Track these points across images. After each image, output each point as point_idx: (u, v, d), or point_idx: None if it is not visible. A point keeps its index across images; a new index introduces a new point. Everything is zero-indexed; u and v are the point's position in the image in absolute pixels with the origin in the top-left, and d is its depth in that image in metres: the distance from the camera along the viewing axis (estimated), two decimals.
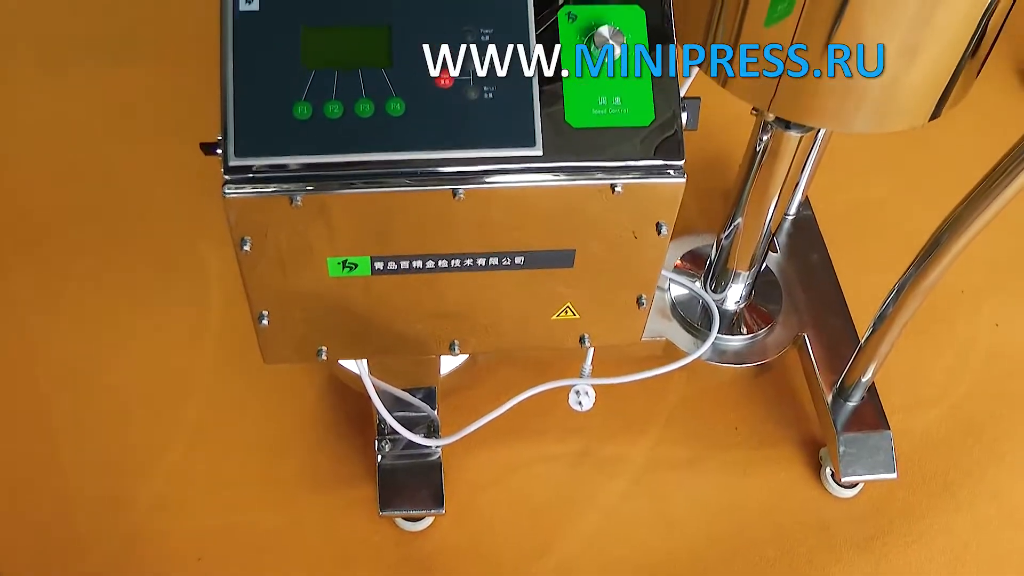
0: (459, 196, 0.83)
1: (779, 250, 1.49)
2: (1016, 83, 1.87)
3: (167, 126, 1.74)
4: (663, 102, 0.85)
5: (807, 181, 1.52)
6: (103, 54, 1.86)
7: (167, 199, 1.63)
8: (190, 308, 1.51)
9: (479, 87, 0.83)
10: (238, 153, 0.82)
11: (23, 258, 1.56)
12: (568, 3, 0.86)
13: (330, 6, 0.84)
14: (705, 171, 1.65)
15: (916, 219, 1.54)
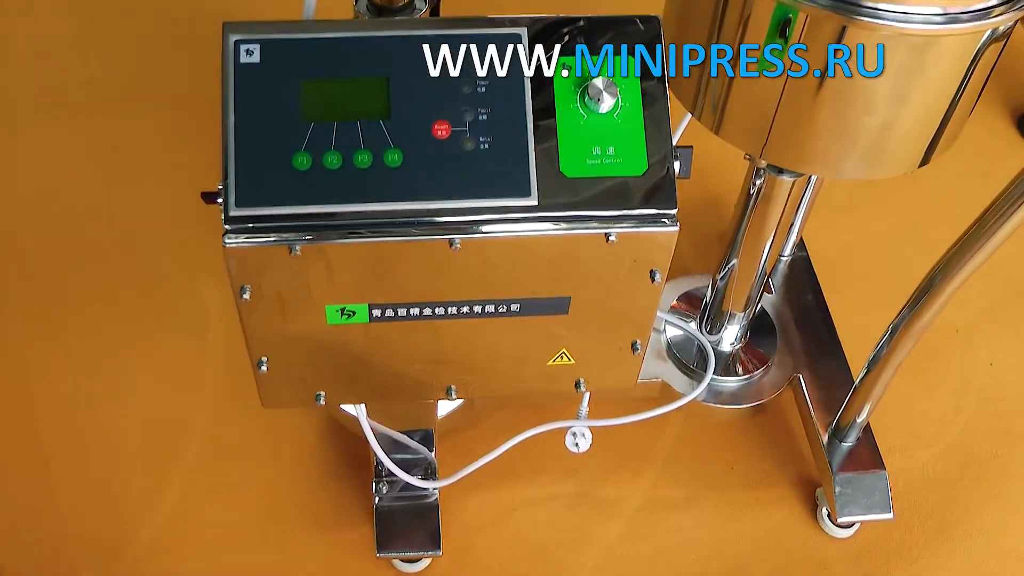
0: (456, 246, 0.85)
1: (774, 291, 1.51)
2: (1009, 125, 1.89)
3: (168, 167, 1.75)
4: (656, 152, 0.86)
5: (801, 223, 1.53)
6: (105, 96, 1.88)
7: (167, 239, 1.65)
8: (189, 348, 1.52)
9: (475, 138, 0.85)
10: (239, 203, 0.83)
11: (23, 297, 1.57)
12: (563, 55, 0.87)
13: (329, 59, 0.86)
14: (700, 213, 1.67)
15: (909, 259, 1.56)
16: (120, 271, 1.61)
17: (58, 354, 1.51)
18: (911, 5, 0.86)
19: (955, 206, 1.52)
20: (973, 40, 0.90)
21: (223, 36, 0.87)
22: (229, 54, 0.86)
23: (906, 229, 1.73)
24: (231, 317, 1.44)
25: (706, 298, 1.41)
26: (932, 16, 0.87)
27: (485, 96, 0.85)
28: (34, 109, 1.86)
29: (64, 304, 1.57)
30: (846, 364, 1.43)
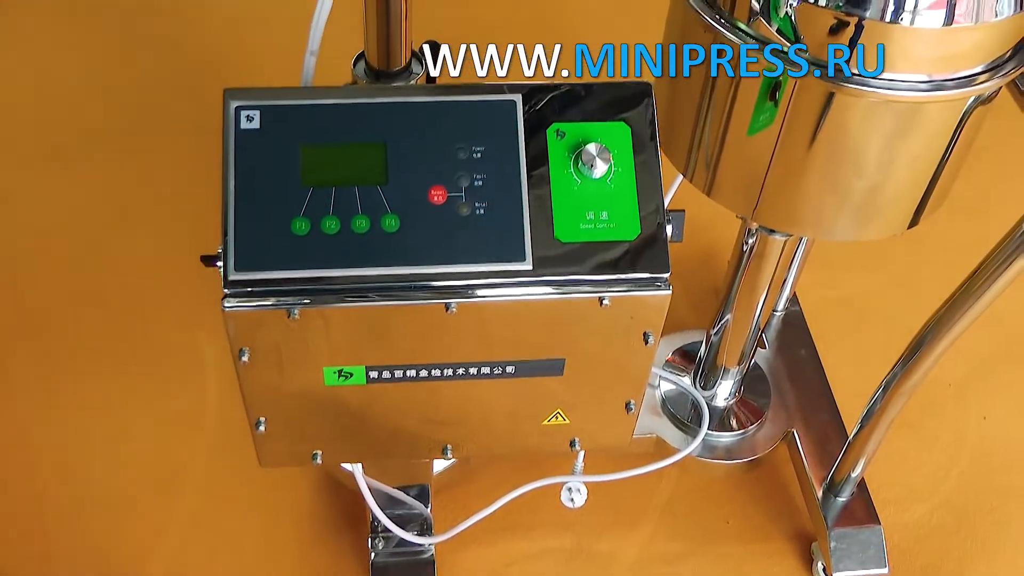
0: (452, 310, 0.86)
1: (767, 346, 1.52)
2: (1000, 180, 1.91)
3: (166, 218, 1.77)
4: (649, 216, 0.88)
5: (794, 278, 1.55)
6: (105, 147, 1.89)
7: (165, 290, 1.66)
8: (186, 400, 1.53)
9: (471, 203, 0.86)
10: (238, 268, 0.84)
11: (21, 346, 1.58)
12: (556, 121, 0.89)
13: (328, 125, 0.87)
14: (694, 267, 1.68)
15: (901, 313, 1.58)
16: (118, 322, 1.62)
17: (54, 404, 1.51)
18: (897, 73, 0.88)
19: (946, 259, 1.54)
20: (958, 105, 0.92)
21: (224, 102, 0.88)
22: (230, 120, 0.87)
23: (898, 282, 1.74)
24: (228, 369, 1.45)
25: (700, 353, 1.42)
26: (918, 84, 0.89)
27: (480, 162, 0.87)
28: (34, 159, 1.87)
29: (61, 354, 1.57)
30: (839, 419, 1.44)
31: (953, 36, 0.86)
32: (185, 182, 1.81)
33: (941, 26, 0.85)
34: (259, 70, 2.00)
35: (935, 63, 0.88)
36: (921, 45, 0.87)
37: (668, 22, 1.04)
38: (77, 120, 1.95)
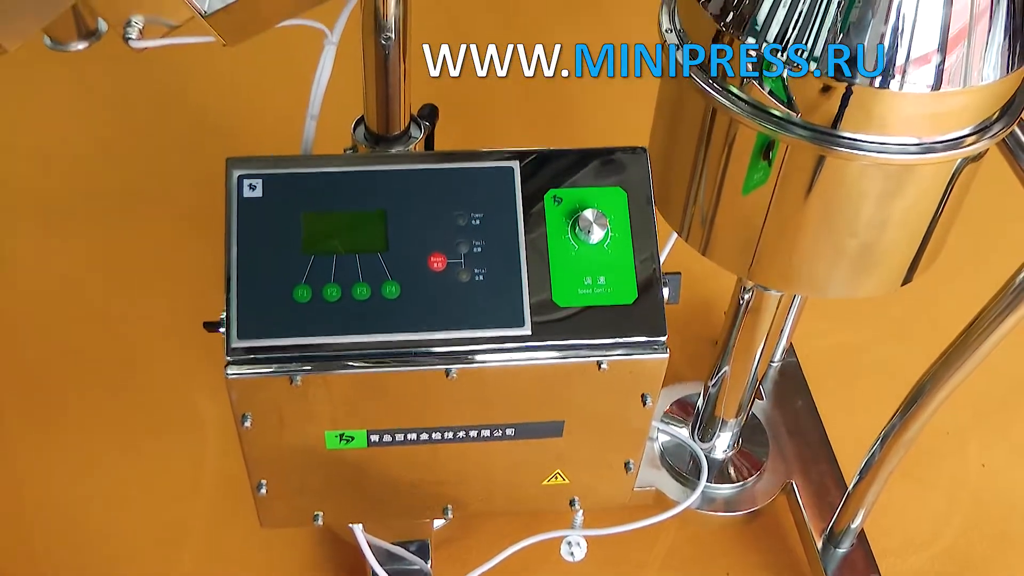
0: (452, 375, 0.87)
1: (765, 397, 1.53)
2: (993, 228, 1.92)
3: (166, 276, 1.78)
4: (645, 280, 0.89)
5: (790, 329, 1.56)
6: (104, 205, 1.90)
7: (164, 349, 1.66)
8: (185, 457, 1.53)
9: (470, 269, 0.87)
10: (240, 335, 0.85)
11: (20, 405, 1.58)
12: (553, 187, 0.91)
13: (328, 193, 0.89)
14: (691, 319, 1.69)
15: (898, 362, 1.58)
16: (116, 382, 1.62)
17: (53, 462, 1.51)
18: (887, 136, 0.90)
19: (941, 308, 1.55)
20: (948, 166, 0.94)
21: (227, 171, 0.90)
22: (232, 188, 0.89)
23: (893, 332, 1.75)
24: (227, 428, 1.46)
25: (698, 405, 1.42)
26: (908, 146, 0.90)
27: (479, 228, 0.88)
28: (31, 219, 1.88)
29: (61, 412, 1.58)
30: (838, 469, 1.44)
31: (942, 100, 0.88)
32: (183, 242, 1.82)
33: (930, 91, 0.87)
34: (259, 130, 2.02)
35: (924, 126, 0.90)
36: (910, 109, 0.88)
37: (662, 84, 1.05)
38: (74, 180, 1.96)
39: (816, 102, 0.89)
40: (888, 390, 1.22)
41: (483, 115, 2.07)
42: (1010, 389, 1.68)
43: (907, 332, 1.73)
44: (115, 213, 1.89)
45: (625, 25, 2.16)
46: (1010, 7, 0.87)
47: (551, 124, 2.09)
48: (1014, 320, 1.05)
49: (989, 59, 0.88)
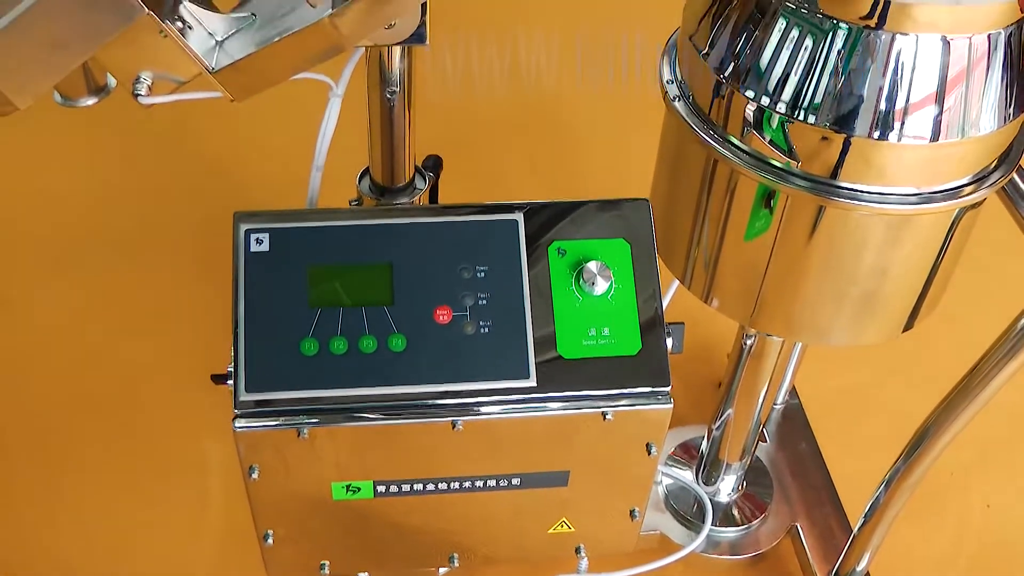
0: (458, 427, 0.88)
1: (768, 439, 1.53)
2: (992, 270, 1.93)
3: (170, 319, 1.78)
4: (649, 331, 0.90)
5: (793, 371, 1.56)
6: (107, 248, 1.91)
7: (169, 393, 1.67)
8: (191, 502, 1.53)
9: (475, 322, 0.88)
10: (248, 389, 0.86)
11: (23, 452, 1.58)
12: (557, 239, 0.92)
13: (335, 247, 0.90)
14: (694, 361, 1.69)
15: (900, 402, 1.59)
16: (121, 426, 1.62)
17: (58, 506, 1.51)
18: (886, 186, 0.91)
19: (944, 348, 1.55)
20: (947, 215, 0.95)
21: (234, 225, 0.91)
22: (240, 243, 0.90)
23: (895, 371, 1.75)
24: (234, 470, 1.46)
25: (702, 448, 1.43)
26: (907, 196, 0.91)
27: (484, 281, 0.89)
28: (35, 264, 1.89)
29: (66, 456, 1.58)
30: (843, 512, 1.44)
31: (940, 151, 0.89)
32: (189, 282, 1.83)
33: (928, 142, 0.88)
34: (265, 179, 2.03)
35: (923, 176, 0.91)
36: (909, 160, 0.89)
37: (663, 134, 1.07)
38: (81, 224, 1.97)
39: (815, 153, 0.90)
40: (891, 430, 1.23)
41: (488, 158, 2.09)
42: (1014, 428, 1.68)
43: (909, 372, 1.74)
44: (121, 258, 1.90)
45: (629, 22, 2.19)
46: (1005, 59, 0.88)
47: (555, 156, 2.11)
48: (1015, 366, 1.06)
49: (986, 110, 0.89)
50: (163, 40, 0.88)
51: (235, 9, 0.94)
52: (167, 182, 2.05)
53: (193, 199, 2.00)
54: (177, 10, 0.90)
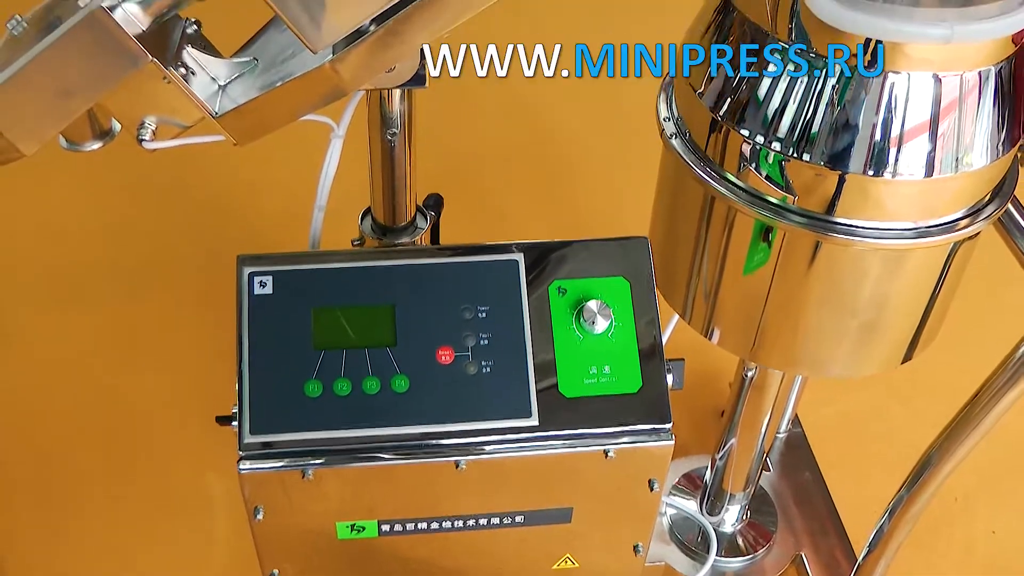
0: (461, 467, 0.88)
1: (772, 469, 1.53)
2: (991, 296, 1.93)
3: (174, 353, 1.79)
4: (649, 368, 0.91)
5: (795, 401, 1.57)
6: (112, 283, 1.92)
7: (174, 430, 1.67)
8: (197, 538, 1.53)
9: (478, 362, 0.89)
10: (253, 431, 0.87)
11: (26, 486, 1.58)
12: (557, 278, 0.93)
13: (338, 289, 0.91)
14: (696, 390, 1.70)
15: (904, 428, 1.59)
16: (125, 461, 1.63)
17: (60, 545, 1.51)
18: (882, 221, 0.92)
19: (945, 374, 1.55)
20: (943, 248, 0.96)
21: (237, 269, 0.92)
22: (243, 286, 0.91)
23: (897, 398, 1.76)
24: (238, 510, 1.47)
25: (706, 478, 1.43)
26: (902, 231, 0.92)
27: (486, 321, 0.90)
28: (40, 299, 1.90)
29: (69, 490, 1.58)
30: (847, 541, 1.44)
31: (934, 186, 0.90)
32: (191, 322, 1.83)
33: (922, 178, 0.89)
34: (268, 217, 2.04)
35: (918, 211, 0.92)
36: (904, 195, 0.90)
37: (661, 170, 1.08)
38: (84, 260, 1.97)
39: (811, 189, 0.91)
40: (895, 457, 1.23)
41: (489, 193, 2.10)
42: (1017, 453, 1.69)
43: (910, 397, 1.74)
44: (126, 294, 1.91)
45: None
46: (996, 94, 0.89)
47: (555, 191, 2.13)
48: (1015, 394, 1.07)
49: (978, 145, 0.90)
50: (167, 86, 0.89)
51: (237, 53, 0.95)
52: (171, 219, 2.07)
53: (197, 236, 2.02)
54: (180, 56, 0.91)
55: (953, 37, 0.81)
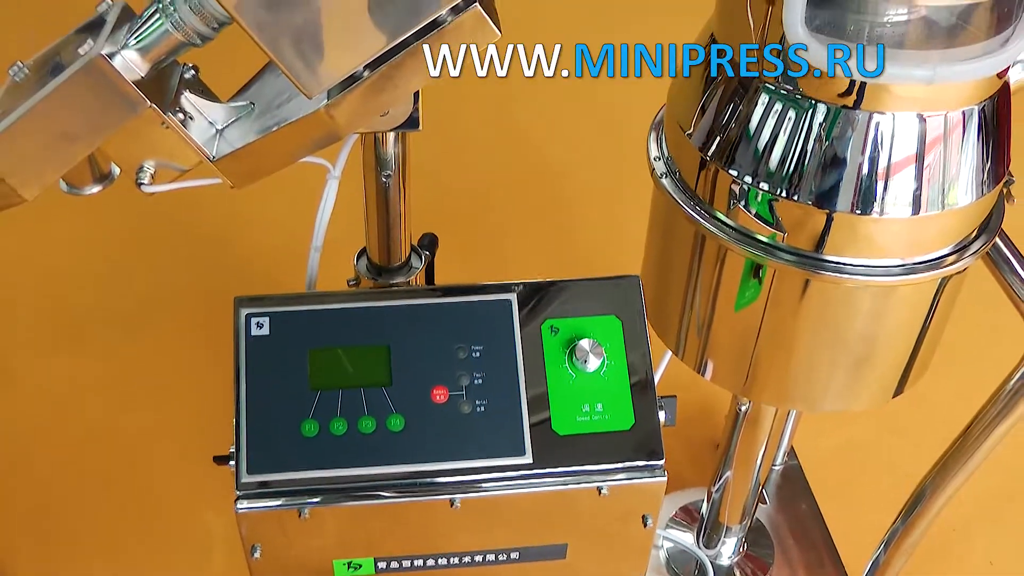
0: (456, 505, 0.89)
1: (768, 501, 1.54)
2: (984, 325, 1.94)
3: (173, 396, 1.79)
4: (642, 406, 0.92)
5: (790, 433, 1.58)
6: (109, 324, 1.93)
7: (171, 469, 1.67)
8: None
9: (472, 401, 0.91)
10: (250, 471, 0.88)
11: (25, 527, 1.59)
12: (550, 317, 0.94)
13: (334, 329, 0.92)
14: (692, 420, 1.71)
15: (900, 457, 1.59)
16: (123, 501, 1.63)
17: None
18: (870, 259, 0.93)
19: (938, 399, 1.56)
20: (932, 284, 0.97)
21: (235, 310, 0.93)
22: (241, 327, 0.92)
23: (892, 426, 1.76)
24: (236, 548, 1.47)
25: (702, 511, 1.44)
26: (890, 268, 0.94)
27: (479, 361, 0.91)
28: (40, 337, 1.90)
29: (68, 533, 1.59)
30: (844, 573, 1.45)
31: (921, 224, 0.91)
32: (188, 362, 1.84)
33: (909, 216, 0.90)
34: (264, 253, 2.04)
35: (906, 248, 0.93)
36: (891, 233, 0.92)
37: (652, 208, 1.09)
38: (82, 299, 1.97)
39: (800, 228, 0.92)
40: (891, 488, 1.24)
41: (483, 230, 2.12)
42: (1015, 482, 1.69)
43: (907, 428, 1.74)
44: (124, 333, 1.92)
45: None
46: (979, 132, 0.91)
47: (549, 227, 2.14)
48: (1006, 427, 1.08)
49: (964, 182, 0.91)
50: (165, 131, 0.91)
51: (234, 97, 0.97)
52: (169, 258, 2.07)
53: (195, 275, 2.02)
54: (179, 101, 0.93)
55: (935, 78, 0.82)
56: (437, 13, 0.80)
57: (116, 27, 0.86)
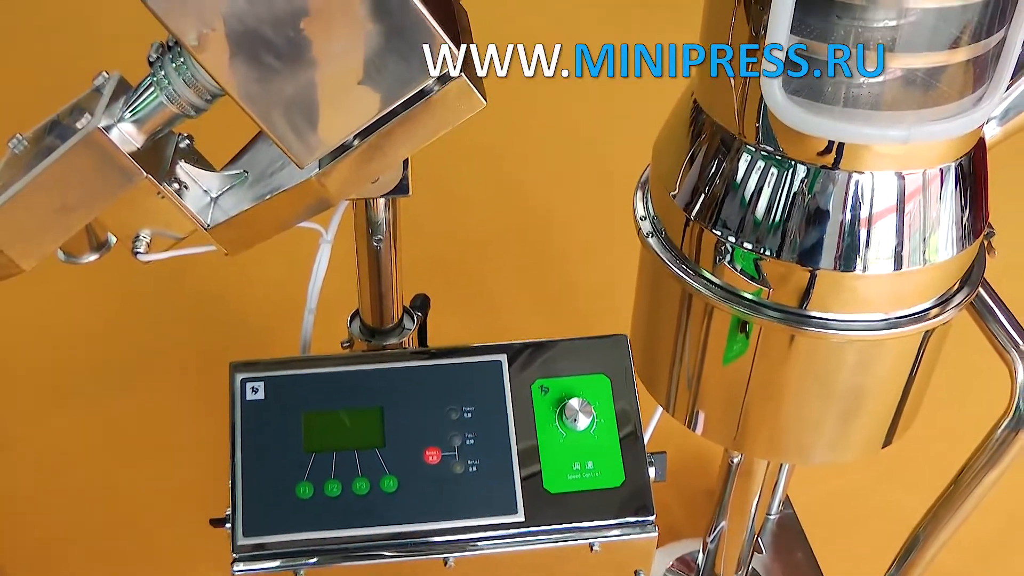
0: (449, 564, 0.90)
1: (764, 550, 1.54)
2: (974, 366, 1.95)
3: (169, 455, 1.79)
4: (632, 462, 0.94)
5: (785, 482, 1.58)
6: (107, 385, 1.93)
7: (168, 531, 1.67)
8: None
9: (464, 461, 0.92)
10: (246, 533, 0.89)
11: None
12: (540, 377, 0.95)
13: (328, 392, 0.94)
14: (685, 469, 1.71)
15: (895, 504, 1.60)
16: (119, 560, 1.62)
17: None
18: (854, 314, 0.95)
19: (932, 444, 1.57)
20: (915, 337, 0.99)
21: (230, 375, 0.95)
22: (236, 392, 0.94)
23: (886, 473, 1.76)
24: None
25: (699, 561, 1.44)
26: (874, 322, 0.95)
27: (471, 421, 0.93)
28: (35, 396, 1.90)
29: None
30: None
31: (903, 279, 0.93)
32: (184, 421, 1.84)
33: (891, 272, 0.92)
34: (259, 314, 2.05)
35: (889, 303, 0.95)
36: (874, 289, 0.93)
37: (640, 266, 1.11)
38: (77, 360, 1.97)
39: (784, 285, 0.94)
40: (887, 534, 1.24)
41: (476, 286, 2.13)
42: (1013, 530, 1.69)
43: (902, 474, 1.75)
44: (119, 393, 1.91)
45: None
46: (957, 188, 0.93)
47: (541, 281, 2.16)
48: (995, 475, 1.09)
49: (944, 237, 0.93)
50: (161, 200, 0.93)
51: (228, 166, 0.99)
52: (164, 318, 2.07)
53: (190, 335, 2.02)
54: (174, 171, 0.95)
55: (910, 138, 0.84)
56: (424, 83, 0.82)
57: (112, 99, 0.89)
